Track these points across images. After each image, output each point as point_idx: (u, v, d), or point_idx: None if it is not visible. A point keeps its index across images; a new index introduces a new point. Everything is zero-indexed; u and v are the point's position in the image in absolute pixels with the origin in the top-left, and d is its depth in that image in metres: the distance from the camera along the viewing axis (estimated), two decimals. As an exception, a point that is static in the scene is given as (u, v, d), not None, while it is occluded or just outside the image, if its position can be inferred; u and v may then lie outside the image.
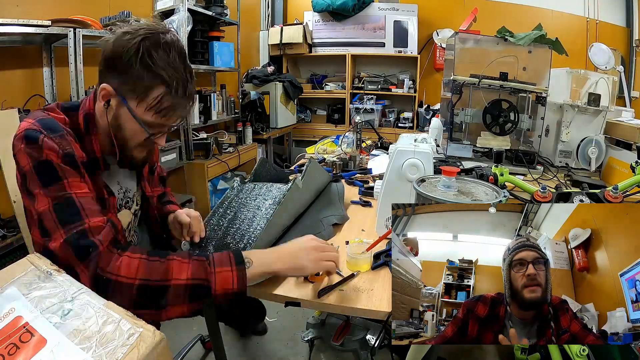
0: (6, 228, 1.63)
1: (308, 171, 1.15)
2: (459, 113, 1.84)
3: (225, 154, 3.02)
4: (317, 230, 1.08)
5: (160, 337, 0.52)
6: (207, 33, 3.05)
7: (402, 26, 4.09)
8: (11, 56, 1.84)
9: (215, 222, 1.01)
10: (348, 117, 4.23)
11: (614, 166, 1.67)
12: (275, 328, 1.92)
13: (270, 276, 0.79)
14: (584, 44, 3.69)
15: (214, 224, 1.01)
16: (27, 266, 0.63)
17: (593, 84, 1.73)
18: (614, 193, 1.11)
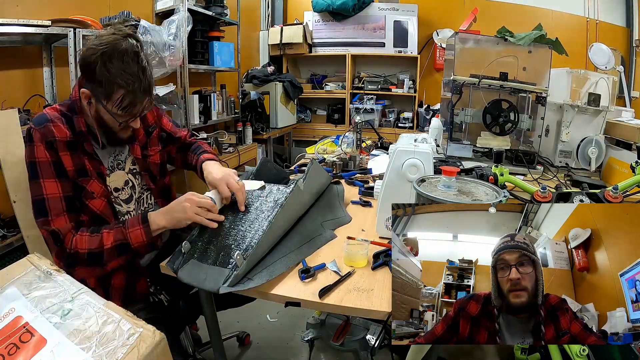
0: (6, 228, 1.62)
1: (310, 173, 1.15)
2: (459, 113, 1.84)
3: (225, 154, 3.02)
4: (318, 233, 1.08)
5: (161, 337, 0.52)
6: (207, 33, 3.05)
7: (402, 26, 4.09)
8: (11, 56, 1.84)
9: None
10: (348, 117, 4.23)
11: (614, 166, 1.67)
12: (275, 328, 1.92)
13: (164, 229, 1.00)
14: (584, 44, 3.69)
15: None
16: (27, 266, 0.63)
17: (593, 84, 1.73)
18: (614, 193, 1.11)
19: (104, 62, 0.90)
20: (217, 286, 0.83)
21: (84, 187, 0.99)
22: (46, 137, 0.94)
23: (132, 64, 0.92)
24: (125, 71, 0.91)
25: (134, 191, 1.14)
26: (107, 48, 0.90)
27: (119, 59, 0.91)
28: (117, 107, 0.95)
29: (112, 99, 0.93)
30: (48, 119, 0.96)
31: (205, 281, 0.86)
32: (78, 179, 0.98)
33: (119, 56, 0.91)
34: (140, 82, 0.94)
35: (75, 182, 0.98)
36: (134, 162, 1.15)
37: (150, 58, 2.26)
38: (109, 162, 1.09)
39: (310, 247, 1.01)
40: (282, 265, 0.92)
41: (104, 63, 0.90)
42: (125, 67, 0.91)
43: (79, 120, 1.00)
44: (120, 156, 1.12)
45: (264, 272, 0.88)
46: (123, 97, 0.93)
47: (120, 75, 0.91)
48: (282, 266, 0.91)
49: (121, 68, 0.91)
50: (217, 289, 0.83)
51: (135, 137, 1.12)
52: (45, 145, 0.94)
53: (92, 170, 1.01)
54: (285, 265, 0.92)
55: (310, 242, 1.03)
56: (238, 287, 0.83)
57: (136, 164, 1.15)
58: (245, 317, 1.96)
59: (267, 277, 0.86)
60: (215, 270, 0.87)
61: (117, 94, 0.93)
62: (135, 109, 0.98)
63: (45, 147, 0.94)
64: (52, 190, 0.95)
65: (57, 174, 0.96)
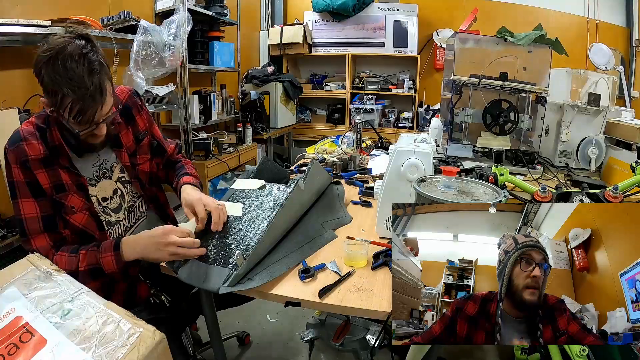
0: (6, 228, 1.62)
1: (310, 172, 1.15)
2: (459, 113, 1.84)
3: (225, 154, 3.02)
4: (318, 234, 1.08)
5: (161, 337, 0.52)
6: (207, 33, 3.05)
7: (402, 26, 4.09)
8: (11, 56, 1.84)
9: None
10: (348, 117, 4.23)
11: (614, 166, 1.67)
12: (275, 328, 1.92)
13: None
14: (584, 44, 3.69)
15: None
16: (27, 266, 0.63)
17: (593, 84, 1.73)
18: (614, 193, 1.11)
19: (48, 68, 0.85)
20: (217, 286, 0.83)
21: (63, 202, 0.96)
22: (19, 157, 0.92)
23: (77, 67, 0.85)
24: (68, 77, 0.85)
25: (124, 200, 1.11)
26: (52, 53, 0.84)
27: (62, 64, 0.84)
28: (69, 116, 0.89)
29: (62, 105, 0.87)
30: (21, 137, 0.93)
31: (205, 281, 0.85)
32: (56, 195, 0.96)
33: (62, 61, 0.84)
34: (87, 87, 0.86)
35: (54, 199, 0.95)
36: (122, 170, 1.11)
37: (150, 58, 2.26)
38: (94, 172, 1.05)
39: (311, 248, 1.01)
40: (282, 265, 0.91)
41: (48, 70, 0.85)
42: (68, 72, 0.84)
43: (53, 134, 0.96)
44: (106, 164, 1.08)
45: (265, 272, 0.88)
46: (71, 104, 0.87)
47: (63, 82, 0.84)
48: (282, 266, 0.91)
49: (64, 74, 0.84)
50: (217, 289, 0.82)
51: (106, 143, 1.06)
52: (19, 166, 0.92)
53: (71, 184, 0.98)
54: (285, 266, 0.91)
55: (311, 242, 1.03)
56: (238, 287, 0.83)
57: (125, 171, 1.12)
58: (245, 317, 1.96)
59: (267, 277, 0.86)
60: (215, 270, 0.87)
61: (64, 102, 0.87)
62: (86, 117, 0.90)
63: (20, 168, 0.92)
64: (30, 210, 0.94)
65: (34, 194, 0.94)
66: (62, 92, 0.85)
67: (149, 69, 2.30)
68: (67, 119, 0.90)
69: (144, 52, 2.22)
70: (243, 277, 0.85)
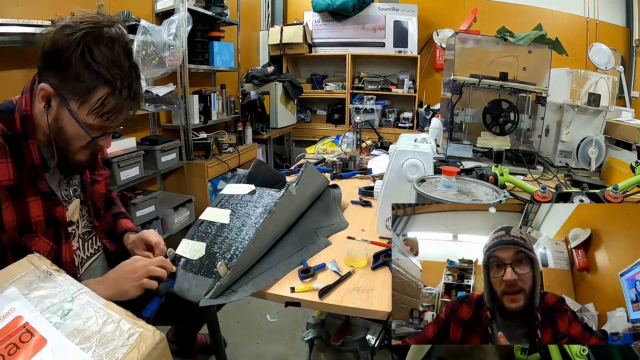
0: None
1: (303, 177, 1.08)
2: (459, 113, 1.84)
3: (225, 154, 3.02)
4: (311, 241, 1.03)
5: (161, 337, 0.52)
6: (207, 33, 3.05)
7: (402, 26, 4.09)
8: (11, 56, 1.84)
9: (203, 229, 0.95)
10: (348, 117, 4.23)
11: (614, 166, 1.67)
12: (275, 328, 1.92)
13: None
14: (584, 44, 3.69)
15: (201, 230, 0.95)
16: (27, 266, 0.62)
17: (593, 84, 1.73)
18: (614, 193, 1.11)
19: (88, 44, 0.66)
20: (199, 297, 0.78)
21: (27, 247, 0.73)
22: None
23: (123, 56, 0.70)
24: (115, 63, 0.69)
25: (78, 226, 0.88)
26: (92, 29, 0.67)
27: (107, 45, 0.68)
28: (96, 112, 0.70)
29: (90, 98, 0.69)
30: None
31: (189, 290, 0.81)
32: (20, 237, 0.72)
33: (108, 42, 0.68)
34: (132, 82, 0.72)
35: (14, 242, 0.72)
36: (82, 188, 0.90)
37: (150, 58, 2.26)
38: (62, 191, 0.84)
39: (301, 256, 0.96)
40: (269, 276, 0.87)
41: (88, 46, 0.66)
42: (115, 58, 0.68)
43: (29, 147, 0.72)
44: (74, 180, 0.88)
45: (250, 283, 0.84)
46: (106, 98, 0.70)
47: (108, 67, 0.68)
48: (269, 277, 0.86)
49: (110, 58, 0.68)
50: (199, 301, 0.77)
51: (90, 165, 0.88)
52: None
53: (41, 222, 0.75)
54: (273, 277, 0.87)
55: (302, 251, 0.99)
56: (220, 300, 0.78)
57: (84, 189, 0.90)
58: (245, 317, 1.96)
59: (252, 290, 0.82)
60: (199, 280, 0.83)
61: (99, 93, 0.69)
62: (119, 118, 0.74)
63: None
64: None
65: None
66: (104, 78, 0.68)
67: (149, 69, 2.30)
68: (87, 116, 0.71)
69: (144, 52, 2.22)
70: (227, 289, 0.81)
